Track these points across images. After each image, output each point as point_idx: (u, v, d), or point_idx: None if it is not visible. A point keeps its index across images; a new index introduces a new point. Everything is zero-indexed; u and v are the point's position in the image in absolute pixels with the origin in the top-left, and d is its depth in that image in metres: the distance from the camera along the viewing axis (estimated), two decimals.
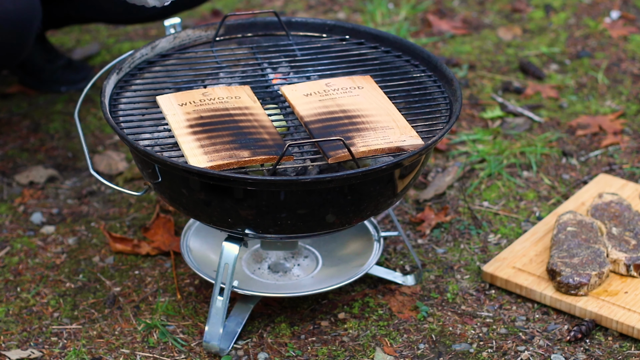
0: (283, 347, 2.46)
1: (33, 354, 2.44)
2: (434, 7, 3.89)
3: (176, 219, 2.85)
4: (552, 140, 3.15)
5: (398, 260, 2.73)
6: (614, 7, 3.87)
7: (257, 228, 2.31)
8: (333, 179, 2.19)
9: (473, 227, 2.83)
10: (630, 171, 3.03)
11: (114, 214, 2.89)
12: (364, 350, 2.45)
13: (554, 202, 2.92)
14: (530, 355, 2.43)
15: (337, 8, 3.92)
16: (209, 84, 2.54)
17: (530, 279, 2.59)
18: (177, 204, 2.36)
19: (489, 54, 3.59)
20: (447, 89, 2.50)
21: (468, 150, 3.12)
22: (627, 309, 2.49)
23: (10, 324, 2.54)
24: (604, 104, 3.32)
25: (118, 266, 2.71)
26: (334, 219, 2.30)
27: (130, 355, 2.44)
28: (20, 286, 2.65)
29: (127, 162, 3.08)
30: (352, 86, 2.47)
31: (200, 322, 2.53)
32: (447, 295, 2.61)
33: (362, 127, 2.33)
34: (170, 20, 2.65)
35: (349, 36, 2.68)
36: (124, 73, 2.53)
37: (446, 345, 2.47)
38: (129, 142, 2.27)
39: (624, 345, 2.46)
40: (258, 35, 2.70)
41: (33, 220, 2.86)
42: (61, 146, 3.17)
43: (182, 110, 2.37)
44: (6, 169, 3.07)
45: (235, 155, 2.23)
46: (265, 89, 2.53)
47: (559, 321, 2.53)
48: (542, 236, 2.73)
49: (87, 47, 3.67)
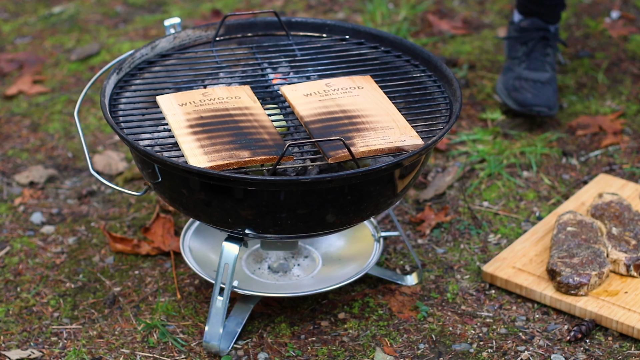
0: (283, 347, 2.46)
1: (33, 354, 2.44)
2: (434, 7, 3.89)
3: (176, 219, 2.85)
4: (552, 140, 3.15)
5: (398, 260, 2.73)
6: (614, 7, 3.87)
7: (257, 228, 2.31)
8: (333, 179, 2.19)
9: (473, 227, 2.83)
10: (630, 171, 3.03)
11: (114, 214, 2.89)
12: (364, 350, 2.45)
13: (554, 202, 2.92)
14: (530, 355, 2.43)
15: (337, 8, 3.92)
16: (209, 84, 2.54)
17: (530, 279, 2.59)
18: (177, 204, 2.36)
19: (489, 54, 3.59)
20: (447, 89, 2.50)
21: (468, 150, 3.12)
22: (627, 309, 2.50)
23: (10, 324, 2.54)
24: (604, 104, 3.32)
25: (118, 266, 2.71)
26: (334, 219, 2.30)
27: (130, 355, 2.44)
28: (20, 286, 2.65)
29: (127, 162, 3.08)
30: (352, 86, 2.47)
31: (200, 322, 2.53)
32: (447, 295, 2.61)
33: (362, 127, 2.33)
34: (170, 20, 2.65)
35: (349, 36, 2.68)
36: (124, 73, 2.53)
37: (446, 345, 2.47)
38: (129, 142, 2.27)
39: (624, 345, 2.46)
40: (258, 35, 2.70)
41: (33, 220, 2.86)
42: (61, 146, 3.17)
43: (182, 111, 2.37)
44: (6, 169, 3.07)
45: (235, 155, 2.23)
46: (265, 89, 2.53)
47: (559, 321, 2.53)
48: (542, 236, 2.73)
49: (87, 47, 3.67)
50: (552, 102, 3.12)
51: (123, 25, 3.84)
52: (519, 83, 3.15)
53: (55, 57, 3.63)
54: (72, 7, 3.97)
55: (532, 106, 3.11)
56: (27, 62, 3.60)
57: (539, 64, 3.17)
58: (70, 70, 3.55)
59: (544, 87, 3.13)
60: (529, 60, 3.18)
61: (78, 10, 3.95)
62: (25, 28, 3.83)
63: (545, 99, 3.12)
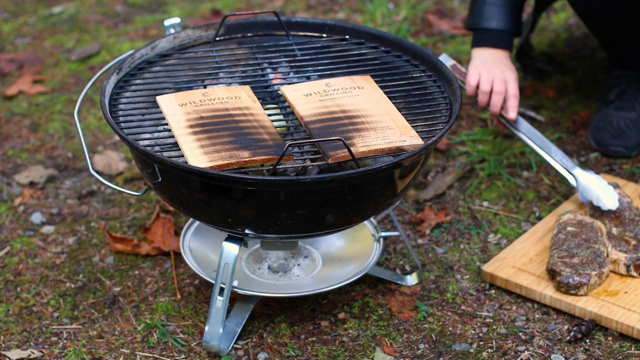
0: (283, 347, 2.46)
1: (33, 354, 2.44)
2: (434, 7, 3.89)
3: (176, 219, 2.85)
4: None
5: (398, 260, 2.73)
6: None
7: (257, 228, 2.31)
8: (333, 179, 2.19)
9: (473, 227, 2.83)
10: (630, 171, 3.03)
11: (114, 214, 2.89)
12: (364, 350, 2.45)
13: (554, 202, 2.92)
14: (530, 355, 2.43)
15: (337, 8, 3.92)
16: (209, 84, 2.54)
17: (530, 278, 2.59)
18: (177, 204, 2.36)
19: None
20: (447, 89, 2.50)
21: (468, 150, 3.12)
22: (627, 309, 2.50)
23: (10, 324, 2.54)
24: None
25: (118, 266, 2.71)
26: (334, 219, 2.30)
27: (130, 355, 2.44)
28: (20, 286, 2.65)
29: (127, 162, 3.08)
30: (352, 86, 2.47)
31: (200, 322, 2.53)
32: (447, 295, 2.61)
33: (362, 127, 2.33)
34: (170, 20, 2.65)
35: (349, 36, 2.68)
36: (124, 73, 2.53)
37: (446, 345, 2.47)
38: (129, 142, 2.27)
39: (624, 345, 2.46)
40: (258, 35, 2.70)
41: (33, 220, 2.86)
42: (61, 146, 3.17)
43: (182, 111, 2.37)
44: (6, 169, 3.07)
45: (235, 155, 2.23)
46: (265, 89, 2.53)
47: (559, 321, 2.53)
48: (542, 236, 2.73)
49: (87, 47, 3.67)
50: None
51: (123, 25, 3.84)
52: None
53: (55, 57, 3.63)
54: (72, 7, 3.97)
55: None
56: (27, 62, 3.60)
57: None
58: (70, 70, 3.55)
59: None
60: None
61: (78, 10, 3.95)
62: (25, 28, 3.83)
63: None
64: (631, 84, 3.11)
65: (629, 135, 3.05)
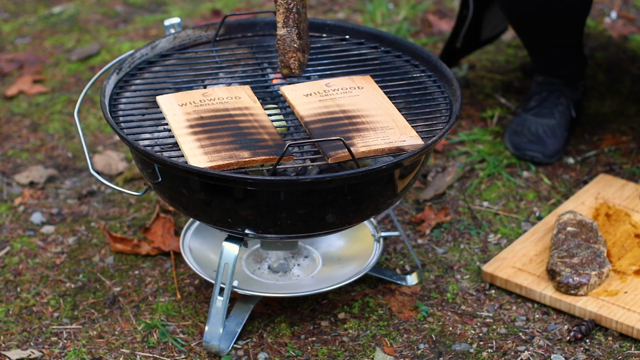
0: (283, 347, 2.46)
1: (33, 354, 2.44)
2: (434, 7, 3.89)
3: (176, 219, 2.85)
4: None
5: (398, 260, 2.73)
6: (614, 7, 3.87)
7: (257, 228, 2.31)
8: (333, 179, 2.19)
9: (473, 227, 2.83)
10: (630, 171, 3.03)
11: (114, 214, 2.89)
12: (364, 350, 2.45)
13: (554, 202, 2.92)
14: (530, 355, 2.43)
15: (337, 8, 3.92)
16: (209, 84, 2.54)
17: (530, 278, 2.59)
18: (177, 204, 2.36)
19: (489, 54, 3.59)
20: (447, 89, 2.50)
21: (468, 150, 3.12)
22: (626, 309, 2.50)
23: (10, 324, 2.54)
24: (604, 104, 3.32)
25: (118, 266, 2.71)
26: (334, 219, 2.30)
27: (130, 355, 2.44)
28: (20, 286, 2.65)
29: (127, 162, 3.08)
30: (352, 86, 2.47)
31: (200, 322, 2.53)
32: (447, 295, 2.61)
33: (362, 127, 2.33)
34: (170, 20, 2.65)
35: (349, 36, 2.68)
36: (124, 73, 2.53)
37: (446, 345, 2.47)
38: (129, 142, 2.27)
39: (624, 345, 2.46)
40: (258, 35, 2.70)
41: (33, 220, 2.86)
42: (61, 146, 3.17)
43: (182, 111, 2.37)
44: (6, 169, 3.07)
45: (236, 155, 2.23)
46: (265, 89, 2.53)
47: (559, 321, 2.53)
48: (542, 236, 2.73)
49: (87, 47, 3.67)
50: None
51: (123, 25, 3.84)
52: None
53: (55, 57, 3.63)
54: (72, 7, 3.97)
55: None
56: (27, 62, 3.60)
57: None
58: (70, 70, 3.55)
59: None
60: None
61: (78, 10, 3.95)
62: (25, 28, 3.83)
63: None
64: (552, 92, 3.11)
65: (546, 142, 3.04)
